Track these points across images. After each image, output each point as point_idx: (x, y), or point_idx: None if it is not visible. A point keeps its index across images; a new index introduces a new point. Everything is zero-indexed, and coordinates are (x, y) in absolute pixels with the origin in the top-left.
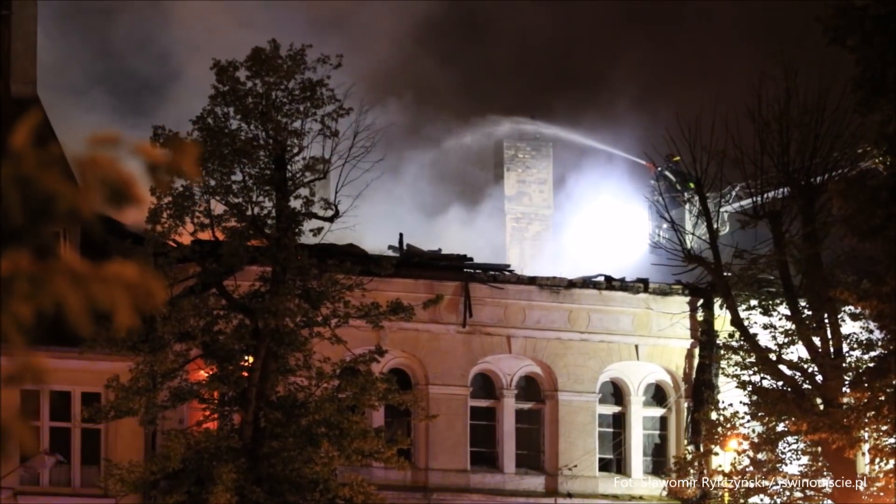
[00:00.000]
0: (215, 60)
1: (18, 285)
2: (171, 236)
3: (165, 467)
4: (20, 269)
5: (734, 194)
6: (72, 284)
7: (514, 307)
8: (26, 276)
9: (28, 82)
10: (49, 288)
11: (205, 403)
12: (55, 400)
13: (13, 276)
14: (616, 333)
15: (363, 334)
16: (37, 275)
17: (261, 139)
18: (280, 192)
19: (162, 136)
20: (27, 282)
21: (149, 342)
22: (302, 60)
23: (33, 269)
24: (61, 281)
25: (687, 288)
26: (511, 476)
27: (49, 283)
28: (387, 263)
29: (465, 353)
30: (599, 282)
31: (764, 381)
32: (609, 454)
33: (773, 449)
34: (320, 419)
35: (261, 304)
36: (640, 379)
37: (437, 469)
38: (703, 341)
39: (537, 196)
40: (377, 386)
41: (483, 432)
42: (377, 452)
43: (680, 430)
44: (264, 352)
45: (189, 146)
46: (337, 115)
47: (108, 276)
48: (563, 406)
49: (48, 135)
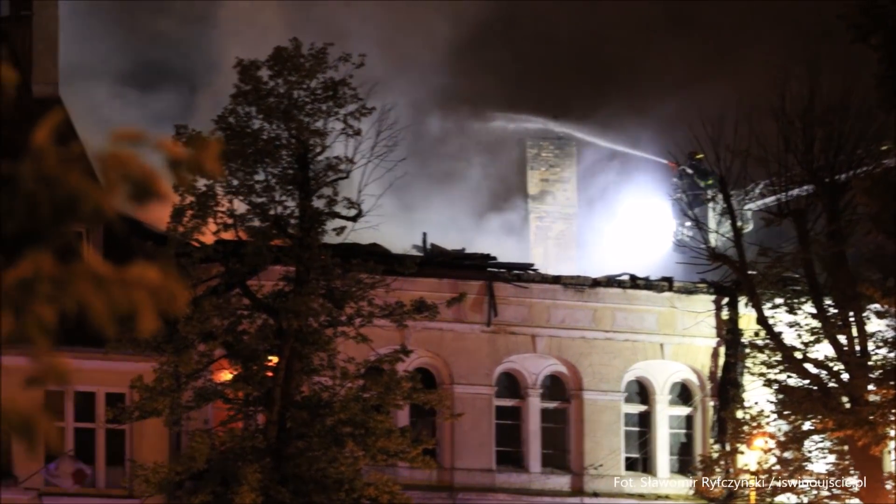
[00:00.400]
0: (238, 59)
1: (40, 287)
2: (194, 236)
3: (190, 468)
4: (42, 271)
5: (758, 192)
6: (94, 287)
7: (539, 306)
8: (48, 278)
9: (50, 82)
10: (71, 290)
11: (229, 404)
12: (79, 401)
13: (35, 277)
14: (641, 332)
15: (387, 334)
16: (59, 277)
17: (283, 139)
18: (303, 191)
19: (185, 136)
20: (49, 284)
21: (173, 343)
22: (324, 59)
23: (55, 272)
24: (84, 284)
25: (712, 286)
26: (537, 475)
27: (71, 286)
28: (410, 262)
29: (490, 352)
30: (624, 280)
31: (790, 379)
32: (635, 453)
33: (800, 447)
34: (345, 419)
35: (284, 304)
36: (666, 378)
37: (463, 468)
38: (728, 340)
39: (561, 195)
40: (402, 385)
41: (508, 432)
42: (402, 452)
43: (706, 429)
44: (288, 352)
45: (211, 143)
46: (359, 114)
47: (130, 279)
48: (588, 405)
49: (70, 134)
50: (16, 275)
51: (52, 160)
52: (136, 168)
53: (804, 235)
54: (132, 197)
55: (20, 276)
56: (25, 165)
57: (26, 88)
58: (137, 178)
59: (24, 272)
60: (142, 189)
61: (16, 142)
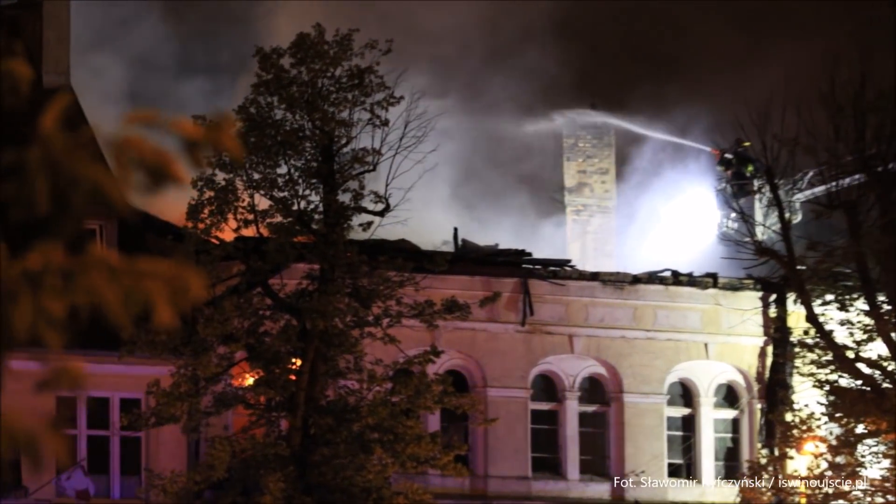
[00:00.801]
0: (257, 47)
1: (50, 280)
2: (214, 233)
3: (210, 477)
4: (52, 263)
5: (806, 181)
6: (107, 279)
7: (576, 304)
8: (59, 270)
9: (60, 72)
10: (83, 283)
11: (251, 409)
12: (93, 407)
13: (44, 270)
14: (684, 331)
15: (417, 334)
16: (70, 269)
17: (307, 130)
18: (328, 185)
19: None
20: (60, 276)
21: (191, 345)
22: (349, 46)
23: (66, 263)
24: (96, 275)
25: (759, 282)
26: (575, 483)
27: (83, 278)
28: (441, 259)
29: (525, 353)
30: (666, 277)
31: (841, 380)
32: (678, 459)
33: (852, 452)
34: (373, 424)
35: (308, 304)
36: (711, 379)
37: (497, 476)
38: (776, 339)
39: (599, 187)
40: (432, 388)
41: (545, 437)
42: (433, 459)
43: (753, 432)
44: (313, 354)
45: (226, 121)
46: (387, 104)
47: (144, 270)
48: (628, 408)
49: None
50: (24, 266)
51: (59, 146)
52: (150, 151)
53: (856, 228)
54: (146, 183)
55: (29, 268)
56: (32, 152)
57: (36, 79)
58: (151, 162)
59: (32, 264)
60: (156, 173)
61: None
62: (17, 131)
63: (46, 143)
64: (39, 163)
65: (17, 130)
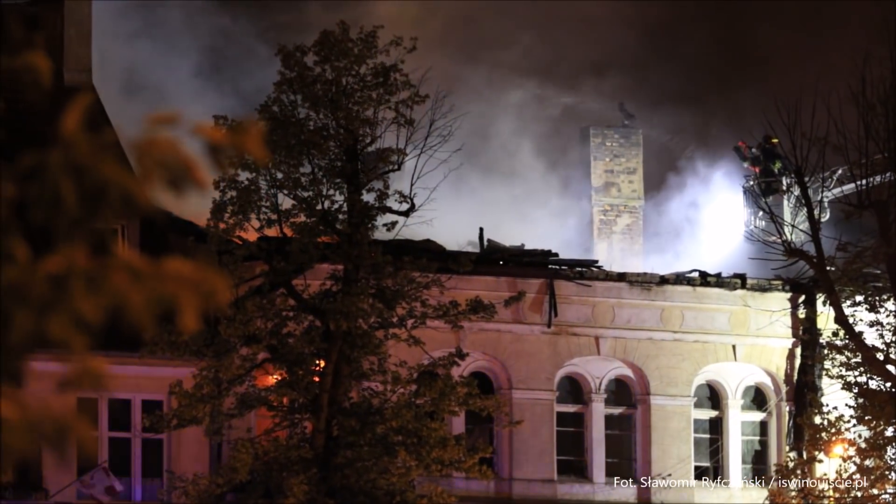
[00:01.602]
0: (280, 46)
1: (75, 283)
2: (237, 233)
3: (232, 479)
4: (76, 266)
5: (835, 179)
6: (131, 282)
7: (603, 305)
8: (83, 273)
9: (82, 70)
10: (107, 286)
11: (273, 411)
12: (114, 408)
13: (69, 273)
14: (712, 333)
15: (441, 336)
16: (94, 272)
17: (331, 128)
18: (352, 184)
19: (225, 125)
20: (84, 279)
21: (213, 346)
22: (373, 44)
23: (90, 266)
24: (120, 278)
25: (787, 283)
26: (601, 486)
27: (107, 281)
28: (466, 260)
29: (551, 354)
30: (693, 278)
31: (871, 381)
32: (706, 462)
33: (882, 455)
34: (397, 427)
35: (332, 305)
36: (738, 381)
37: (522, 479)
38: (805, 340)
39: (626, 186)
40: (457, 390)
41: (570, 439)
42: (458, 461)
43: (781, 435)
44: (336, 355)
45: (252, 125)
46: (412, 102)
47: (169, 273)
48: (655, 411)
49: (101, 120)
50: (47, 269)
51: (82, 148)
52: (173, 153)
53: (886, 228)
54: (169, 185)
55: (52, 272)
56: (54, 154)
57: (58, 76)
58: (174, 164)
59: (56, 267)
60: (179, 176)
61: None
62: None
63: (68, 145)
64: (61, 165)
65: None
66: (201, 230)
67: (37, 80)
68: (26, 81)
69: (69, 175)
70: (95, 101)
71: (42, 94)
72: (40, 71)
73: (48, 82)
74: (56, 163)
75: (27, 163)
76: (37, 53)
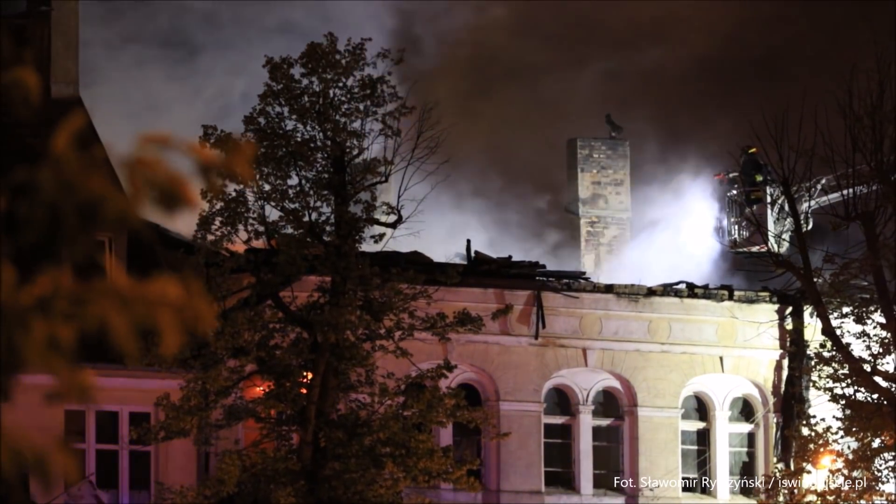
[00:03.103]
0: (267, 57)
1: (59, 305)
2: (224, 245)
3: (219, 491)
4: (61, 289)
5: (819, 188)
6: (116, 306)
7: (590, 317)
8: (68, 295)
9: (70, 82)
10: (91, 309)
11: (261, 423)
12: (101, 420)
13: (54, 295)
14: (699, 344)
15: (429, 348)
16: (79, 295)
17: (318, 140)
18: (339, 196)
19: (213, 136)
20: (68, 302)
21: (200, 358)
22: (361, 56)
23: (75, 289)
24: (105, 302)
25: (775, 295)
26: (588, 497)
27: (92, 305)
28: (453, 272)
29: (538, 366)
30: (681, 289)
31: (858, 393)
32: (693, 473)
33: (869, 466)
34: (384, 438)
35: (319, 317)
36: (726, 393)
37: (510, 490)
38: (792, 352)
39: (613, 198)
40: (445, 402)
41: (558, 451)
42: (445, 473)
43: (769, 446)
44: (324, 367)
45: (244, 146)
46: (399, 114)
47: (154, 299)
48: (643, 422)
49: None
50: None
51: (72, 167)
52: (163, 174)
53: (873, 240)
54: (158, 204)
55: (39, 294)
56: (44, 172)
57: (45, 89)
58: (164, 184)
59: (42, 289)
60: (169, 196)
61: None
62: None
63: (59, 164)
64: (51, 184)
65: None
66: (189, 242)
67: (26, 96)
68: (15, 97)
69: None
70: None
71: (31, 110)
72: (29, 87)
73: (37, 98)
74: (46, 183)
75: (17, 179)
76: (25, 69)
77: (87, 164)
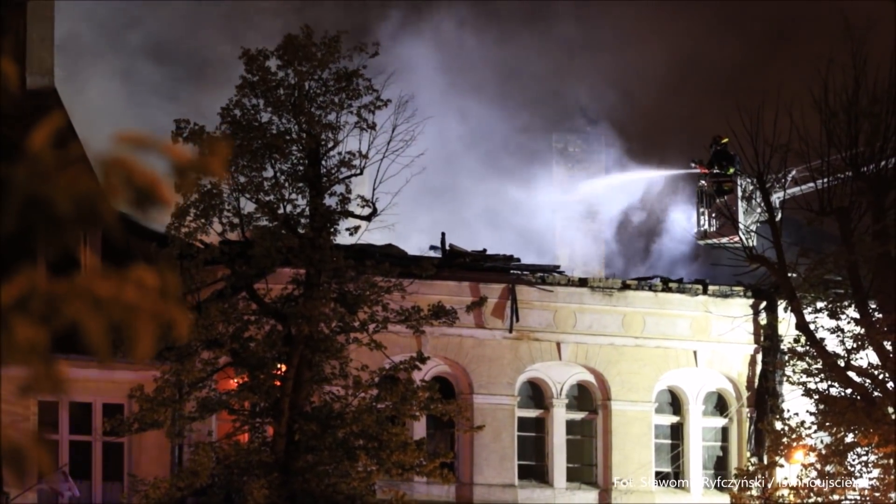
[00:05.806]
0: (244, 49)
1: (33, 305)
2: (198, 237)
3: (193, 483)
4: (36, 289)
5: (790, 178)
6: (91, 309)
7: (565, 311)
8: (42, 296)
9: (45, 73)
10: (66, 310)
11: (235, 415)
12: (75, 412)
13: (28, 295)
14: (673, 338)
15: (403, 340)
16: (53, 295)
17: (293, 133)
18: (314, 188)
19: (186, 130)
20: (43, 302)
21: (175, 350)
22: (336, 48)
23: (50, 289)
24: (79, 304)
25: (749, 290)
26: (561, 491)
27: (66, 306)
28: (428, 264)
29: (512, 359)
30: (655, 283)
31: (831, 388)
32: (666, 467)
33: (842, 461)
34: (358, 431)
35: (294, 309)
36: (699, 387)
37: (483, 484)
38: (766, 347)
39: (588, 192)
40: (418, 395)
41: (531, 444)
42: (418, 466)
43: (742, 441)
44: (298, 359)
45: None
46: (374, 107)
47: (130, 303)
48: (616, 416)
49: (68, 133)
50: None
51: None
52: (139, 174)
53: (848, 235)
54: (134, 202)
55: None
56: (20, 169)
57: (20, 81)
58: (140, 184)
59: (18, 289)
60: (144, 196)
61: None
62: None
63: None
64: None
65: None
66: (163, 234)
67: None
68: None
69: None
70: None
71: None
72: (8, 77)
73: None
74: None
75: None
76: (4, 59)
77: (63, 162)
